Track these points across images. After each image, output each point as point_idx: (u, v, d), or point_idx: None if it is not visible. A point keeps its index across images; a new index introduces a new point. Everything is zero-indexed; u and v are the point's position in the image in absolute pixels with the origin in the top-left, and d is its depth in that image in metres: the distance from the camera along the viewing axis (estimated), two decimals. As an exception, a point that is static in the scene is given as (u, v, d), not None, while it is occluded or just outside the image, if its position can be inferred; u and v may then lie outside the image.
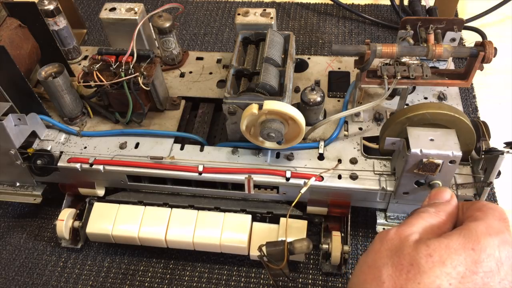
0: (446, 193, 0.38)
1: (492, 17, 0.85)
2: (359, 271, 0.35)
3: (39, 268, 0.61)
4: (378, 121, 0.59)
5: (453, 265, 0.31)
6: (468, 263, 0.31)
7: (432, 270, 0.31)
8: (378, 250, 0.34)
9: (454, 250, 0.31)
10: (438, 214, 0.36)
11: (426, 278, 0.31)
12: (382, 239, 0.35)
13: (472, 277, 0.30)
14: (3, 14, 0.60)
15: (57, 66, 0.59)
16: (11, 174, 0.61)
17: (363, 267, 0.35)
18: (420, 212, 0.36)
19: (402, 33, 0.58)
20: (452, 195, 0.38)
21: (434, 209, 0.37)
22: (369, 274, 0.34)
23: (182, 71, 0.68)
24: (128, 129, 0.60)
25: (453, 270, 0.31)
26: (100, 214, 0.58)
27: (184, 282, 0.58)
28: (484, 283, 0.30)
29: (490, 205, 0.35)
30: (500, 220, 0.34)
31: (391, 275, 0.32)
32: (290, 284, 0.57)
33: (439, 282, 0.30)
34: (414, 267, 0.31)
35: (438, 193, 0.39)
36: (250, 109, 0.50)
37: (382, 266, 0.33)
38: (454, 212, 0.37)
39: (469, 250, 0.31)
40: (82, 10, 0.97)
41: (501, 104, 0.74)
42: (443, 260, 0.31)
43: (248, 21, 0.62)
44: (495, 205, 0.35)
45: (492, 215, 0.34)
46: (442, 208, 0.37)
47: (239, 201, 0.58)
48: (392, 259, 0.33)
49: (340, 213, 0.57)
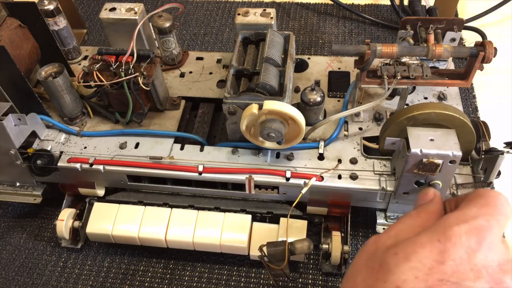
0: (429, 193, 0.38)
1: (492, 17, 0.85)
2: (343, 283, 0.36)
3: (39, 268, 0.61)
4: (378, 121, 0.59)
5: (418, 258, 0.31)
6: (434, 254, 0.31)
7: (397, 266, 0.31)
8: (358, 260, 0.35)
9: (420, 244, 0.31)
10: (418, 214, 0.36)
11: (391, 275, 0.31)
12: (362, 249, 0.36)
13: (440, 267, 0.30)
14: (3, 14, 0.60)
15: (57, 66, 0.59)
16: (11, 174, 0.61)
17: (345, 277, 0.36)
18: (402, 217, 0.37)
19: (402, 33, 0.58)
20: (435, 193, 0.38)
21: (415, 210, 0.37)
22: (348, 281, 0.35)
23: (182, 71, 0.68)
24: (128, 129, 0.60)
25: (419, 264, 0.31)
26: (100, 214, 0.58)
27: (184, 282, 0.58)
28: (453, 271, 0.30)
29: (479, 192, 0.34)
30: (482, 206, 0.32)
31: (363, 279, 0.33)
32: (290, 284, 0.57)
33: (404, 277, 0.30)
34: (383, 267, 0.32)
35: (422, 196, 0.39)
36: (250, 109, 0.50)
37: (358, 272, 0.34)
38: (437, 209, 0.37)
39: (435, 242, 0.31)
40: (82, 10, 0.97)
41: (501, 104, 0.74)
42: (408, 256, 0.31)
43: (248, 21, 0.62)
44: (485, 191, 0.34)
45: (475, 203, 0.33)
46: (423, 208, 0.37)
47: (239, 201, 0.58)
48: (366, 264, 0.34)
49: (340, 213, 0.57)
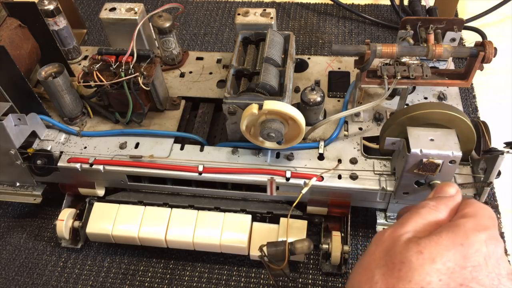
0: (452, 188, 0.38)
1: (492, 17, 0.85)
2: (355, 274, 0.35)
3: (39, 268, 0.61)
4: (378, 121, 0.59)
5: (442, 261, 0.31)
6: (457, 258, 0.31)
7: (422, 267, 0.31)
8: (373, 252, 0.35)
9: (444, 247, 0.32)
10: (437, 208, 0.36)
11: (417, 275, 0.31)
12: (377, 241, 0.35)
13: (461, 271, 0.31)
14: (3, 14, 0.60)
15: (57, 66, 0.59)
16: (11, 174, 0.61)
17: (358, 269, 0.35)
18: (419, 208, 0.36)
19: (402, 33, 0.58)
20: (458, 191, 0.38)
21: (434, 202, 0.36)
22: (363, 275, 0.34)
23: (182, 71, 0.68)
24: (128, 129, 0.60)
25: (443, 266, 0.31)
26: (100, 214, 0.58)
27: (184, 282, 0.58)
28: (473, 276, 0.31)
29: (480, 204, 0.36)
30: (489, 218, 0.34)
31: (383, 275, 0.32)
32: (290, 284, 0.57)
33: (429, 279, 0.31)
34: (405, 265, 0.32)
35: (443, 188, 0.38)
36: (250, 109, 0.50)
37: (375, 267, 0.33)
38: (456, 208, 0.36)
39: (458, 246, 0.32)
40: (82, 10, 0.97)
41: (501, 104, 0.74)
42: (433, 257, 0.31)
43: (248, 21, 0.62)
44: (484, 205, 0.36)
45: (482, 213, 0.34)
46: (444, 202, 0.36)
47: (239, 201, 0.58)
48: (384, 259, 0.33)
49: (340, 213, 0.57)
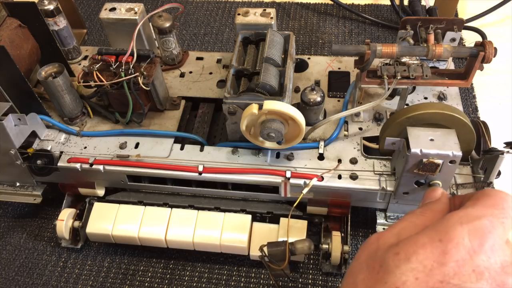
0: (437, 192, 0.38)
1: (492, 17, 0.85)
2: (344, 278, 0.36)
3: (39, 268, 0.61)
4: (378, 121, 0.59)
5: (418, 259, 0.30)
6: (435, 255, 0.30)
7: (397, 267, 0.31)
8: (359, 257, 0.35)
9: (421, 245, 0.31)
10: (423, 213, 0.36)
11: (392, 276, 0.30)
12: (363, 246, 0.35)
13: (441, 268, 0.30)
14: (3, 14, 0.60)
15: (57, 66, 0.59)
16: (11, 174, 0.61)
17: (347, 274, 0.35)
18: (406, 215, 0.36)
19: (402, 33, 0.58)
20: (442, 193, 0.38)
21: (420, 209, 0.36)
22: (348, 279, 0.34)
23: (182, 71, 0.68)
24: (128, 129, 0.60)
25: (419, 265, 0.30)
26: (100, 214, 0.58)
27: (184, 282, 0.58)
28: (455, 272, 0.29)
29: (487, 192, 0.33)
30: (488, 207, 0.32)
31: (363, 279, 0.32)
32: (290, 284, 0.57)
33: (404, 279, 0.30)
34: (383, 268, 0.31)
35: (428, 194, 0.38)
36: (250, 109, 0.50)
37: (358, 271, 0.33)
38: (443, 208, 0.36)
39: (436, 242, 0.31)
40: (82, 10, 0.97)
41: (501, 104, 0.74)
42: (408, 256, 0.31)
43: (248, 21, 0.62)
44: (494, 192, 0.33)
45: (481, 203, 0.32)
46: (429, 207, 0.36)
47: (239, 201, 0.58)
48: (367, 263, 0.33)
49: (340, 213, 0.57)
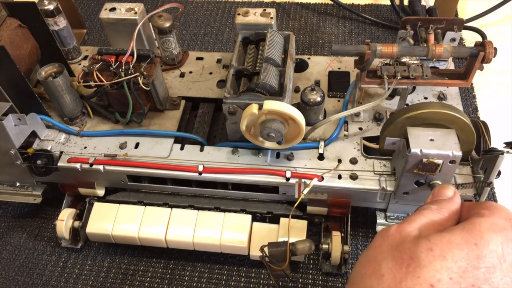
0: (449, 190, 0.38)
1: (492, 17, 0.85)
2: (359, 266, 0.35)
3: (39, 268, 0.61)
4: (378, 121, 0.59)
5: (454, 259, 0.31)
6: (470, 258, 0.31)
7: (432, 264, 0.31)
8: (379, 246, 0.34)
9: (456, 245, 0.31)
10: (440, 211, 0.36)
11: (426, 271, 0.31)
12: (383, 235, 0.35)
13: (474, 272, 0.30)
14: (3, 14, 0.60)
15: (57, 66, 0.59)
16: (11, 174, 0.61)
17: (363, 261, 0.35)
18: (421, 210, 0.36)
19: (402, 33, 0.58)
20: (455, 193, 0.38)
21: (436, 206, 0.36)
22: (369, 268, 0.34)
23: (182, 71, 0.68)
24: (128, 129, 0.60)
25: (454, 265, 0.31)
26: (100, 214, 0.58)
27: (184, 282, 0.58)
28: (486, 278, 0.30)
29: (497, 205, 0.35)
30: (506, 219, 0.34)
31: (390, 269, 0.32)
32: (291, 284, 0.57)
33: (439, 276, 0.30)
34: (414, 261, 0.31)
35: (441, 191, 0.39)
36: (250, 109, 0.50)
37: (382, 260, 0.33)
38: (457, 210, 0.37)
39: (472, 245, 0.31)
40: (82, 10, 0.97)
41: (501, 104, 0.74)
42: (444, 254, 0.31)
43: (248, 21, 0.62)
44: (502, 206, 0.35)
45: (498, 214, 0.34)
46: (445, 205, 0.36)
47: (239, 201, 0.58)
48: (392, 253, 0.33)
49: (340, 213, 0.57)
